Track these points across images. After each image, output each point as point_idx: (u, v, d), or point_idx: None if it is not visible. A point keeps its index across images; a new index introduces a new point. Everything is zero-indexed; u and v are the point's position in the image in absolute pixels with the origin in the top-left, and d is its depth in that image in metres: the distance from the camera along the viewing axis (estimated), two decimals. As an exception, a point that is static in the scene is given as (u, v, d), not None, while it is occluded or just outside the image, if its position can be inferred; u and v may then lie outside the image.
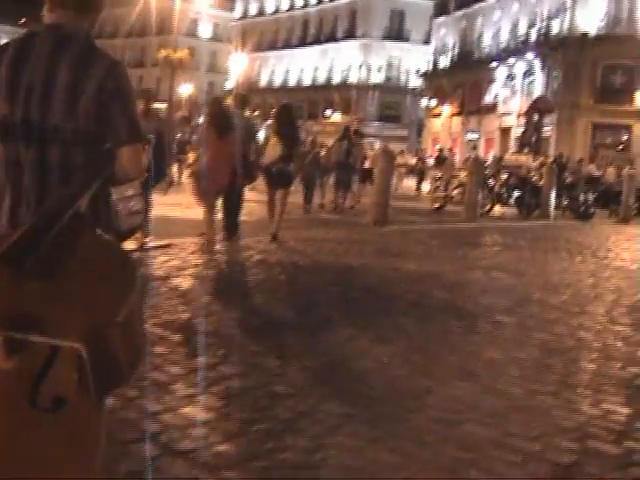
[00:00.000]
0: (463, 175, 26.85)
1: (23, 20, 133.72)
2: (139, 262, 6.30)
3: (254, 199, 19.83)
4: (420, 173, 42.67)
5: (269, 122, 17.04)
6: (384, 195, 19.71)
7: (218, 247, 13.33)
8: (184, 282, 10.09)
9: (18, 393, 2.61)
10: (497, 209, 28.08)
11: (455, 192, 27.48)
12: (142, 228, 11.82)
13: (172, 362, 6.46)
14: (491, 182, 27.84)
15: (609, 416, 5.87)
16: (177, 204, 21.44)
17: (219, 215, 13.75)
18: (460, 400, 5.94)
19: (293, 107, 17.08)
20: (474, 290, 10.94)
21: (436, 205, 27.77)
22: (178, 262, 11.62)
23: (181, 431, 5.04)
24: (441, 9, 74.62)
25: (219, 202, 13.69)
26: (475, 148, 44.90)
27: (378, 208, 19.66)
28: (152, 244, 13.23)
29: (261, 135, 19.72)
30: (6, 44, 3.50)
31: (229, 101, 16.33)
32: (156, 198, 18.77)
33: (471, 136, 65.78)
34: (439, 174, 30.05)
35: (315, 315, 8.66)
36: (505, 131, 60.11)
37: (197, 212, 17.48)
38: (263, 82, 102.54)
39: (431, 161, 45.57)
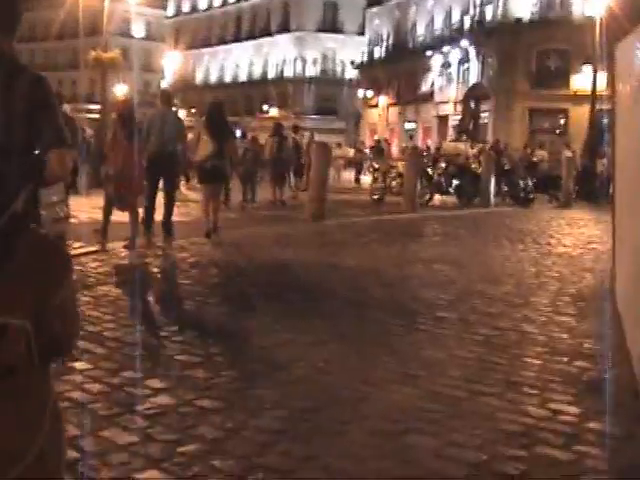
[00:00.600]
0: (400, 165, 26.58)
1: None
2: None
3: (193, 199, 19.47)
4: (358, 165, 42.48)
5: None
6: (321, 189, 19.34)
7: (148, 251, 12.92)
8: (112, 290, 9.68)
9: None
10: (437, 198, 27.87)
11: (394, 183, 27.21)
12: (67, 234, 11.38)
13: (94, 379, 6.06)
14: (430, 171, 27.62)
15: (557, 417, 5.55)
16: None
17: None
18: (399, 407, 5.59)
19: (223, 104, 17.08)
20: (414, 285, 10.60)
21: (375, 196, 27.52)
22: (107, 268, 11.20)
23: (100, 458, 4.65)
24: (374, -1, 74.51)
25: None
26: (412, 138, 44.59)
27: (315, 203, 19.30)
28: (81, 250, 12.79)
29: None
30: None
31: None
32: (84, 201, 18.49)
33: (409, 126, 65.72)
34: (377, 165, 29.73)
35: (248, 320, 8.26)
36: (442, 119, 60.08)
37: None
38: (199, 79, 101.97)
39: (369, 152, 45.40)
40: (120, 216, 13.06)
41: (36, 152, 3.67)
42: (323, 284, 10.49)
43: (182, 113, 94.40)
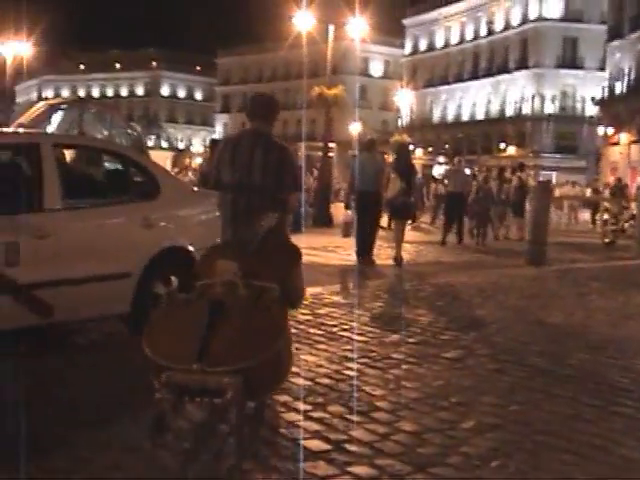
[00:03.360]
0: (634, 206, 24.47)
1: (198, 68, 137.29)
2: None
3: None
4: (594, 206, 40.22)
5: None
6: (540, 231, 17.74)
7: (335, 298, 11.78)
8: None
9: (248, 303, 5.50)
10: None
11: (626, 225, 25.12)
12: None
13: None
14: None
15: None
16: (322, 247, 20.23)
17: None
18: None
19: (409, 145, 20.25)
20: (627, 350, 8.89)
21: (607, 240, 25.57)
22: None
23: None
24: (615, 33, 71.36)
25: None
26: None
27: (533, 246, 17.75)
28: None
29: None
30: (229, 137, 7.90)
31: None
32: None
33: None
34: (609, 206, 27.70)
35: (401, 392, 6.89)
36: (689, 158, 56.63)
37: (336, 257, 16.54)
38: (436, 117, 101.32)
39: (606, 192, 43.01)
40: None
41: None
42: (515, 347, 8.87)
43: (419, 152, 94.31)
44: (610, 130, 69.66)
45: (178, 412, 5.39)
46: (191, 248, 9.19)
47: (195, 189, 10.89)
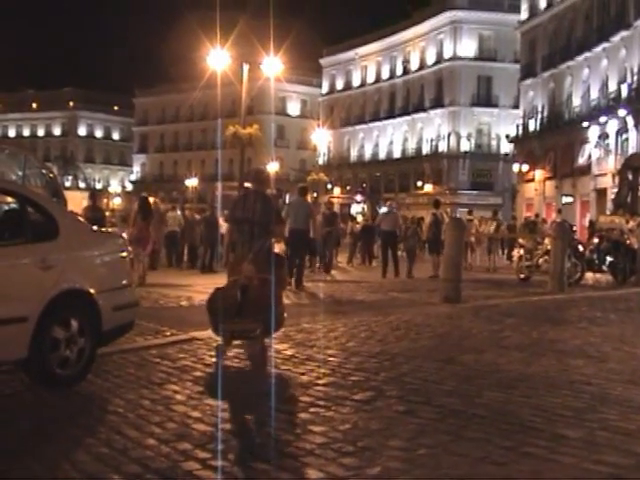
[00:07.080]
0: (548, 242, 24.55)
1: (116, 108, 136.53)
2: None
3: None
4: (510, 242, 40.42)
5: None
6: (454, 269, 17.64)
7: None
8: (180, 391, 8.22)
9: (260, 286, 10.51)
10: (589, 276, 25.75)
11: (541, 260, 25.20)
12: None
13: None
14: (580, 247, 25.54)
15: None
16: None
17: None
18: None
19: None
20: (539, 387, 8.71)
21: (521, 275, 25.65)
22: (189, 362, 9.81)
23: None
24: (528, 71, 72.63)
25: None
26: (560, 212, 42.19)
27: (448, 284, 17.63)
28: (171, 338, 11.64)
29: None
30: (240, 195, 13.03)
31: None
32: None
33: (565, 200, 63.18)
34: (523, 242, 27.76)
35: (292, 441, 6.60)
36: (601, 193, 57.47)
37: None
38: (353, 156, 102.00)
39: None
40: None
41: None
42: (426, 387, 8.65)
43: (337, 190, 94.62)
44: (525, 167, 70.62)
45: (229, 344, 10.20)
46: (92, 290, 8.84)
47: (95, 229, 10.55)
